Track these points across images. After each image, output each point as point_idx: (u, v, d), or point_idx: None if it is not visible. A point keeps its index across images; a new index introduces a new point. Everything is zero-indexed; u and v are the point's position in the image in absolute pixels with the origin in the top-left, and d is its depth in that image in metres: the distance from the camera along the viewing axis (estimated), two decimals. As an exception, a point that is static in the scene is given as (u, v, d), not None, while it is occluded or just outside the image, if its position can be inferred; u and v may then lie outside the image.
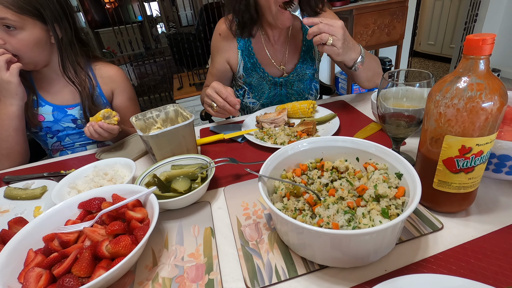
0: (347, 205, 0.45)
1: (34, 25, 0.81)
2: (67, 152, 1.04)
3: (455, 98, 0.40)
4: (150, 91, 3.31)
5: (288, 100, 1.11)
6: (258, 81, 1.07)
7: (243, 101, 1.13)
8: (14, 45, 0.81)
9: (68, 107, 0.98)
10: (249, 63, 1.05)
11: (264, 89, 1.09)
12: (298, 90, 1.10)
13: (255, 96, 1.10)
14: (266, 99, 1.11)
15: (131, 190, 0.56)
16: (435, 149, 0.45)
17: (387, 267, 0.42)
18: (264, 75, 1.06)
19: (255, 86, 1.09)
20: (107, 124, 0.80)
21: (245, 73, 1.06)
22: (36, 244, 0.48)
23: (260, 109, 1.10)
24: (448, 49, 3.87)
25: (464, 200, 0.47)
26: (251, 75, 1.06)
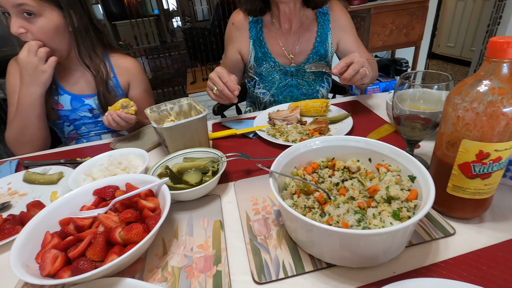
0: (357, 205, 0.45)
1: (51, 10, 0.82)
2: (82, 140, 1.07)
3: (475, 101, 0.39)
4: (163, 84, 3.35)
5: (298, 91, 1.10)
6: (269, 71, 1.07)
7: (254, 92, 1.13)
8: (35, 33, 0.82)
9: (85, 97, 1.00)
10: (260, 53, 1.05)
11: (275, 79, 1.08)
12: (308, 81, 1.09)
13: (265, 86, 1.10)
14: (277, 89, 1.10)
15: (144, 180, 0.57)
16: (451, 153, 0.44)
17: (396, 269, 0.41)
18: (275, 64, 1.06)
19: (266, 76, 1.09)
20: (124, 113, 0.82)
21: (255, 62, 1.07)
22: (53, 227, 0.50)
23: (270, 99, 1.12)
24: (468, 52, 3.75)
25: (479, 207, 0.46)
26: (262, 65, 1.07)
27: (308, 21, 1.05)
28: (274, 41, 1.05)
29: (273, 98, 1.12)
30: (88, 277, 0.39)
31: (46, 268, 0.41)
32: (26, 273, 0.40)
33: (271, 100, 1.13)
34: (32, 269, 0.42)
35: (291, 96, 1.11)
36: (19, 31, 0.80)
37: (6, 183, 0.73)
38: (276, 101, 1.13)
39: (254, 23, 1.04)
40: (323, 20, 1.04)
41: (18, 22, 0.79)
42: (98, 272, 0.39)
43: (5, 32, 3.37)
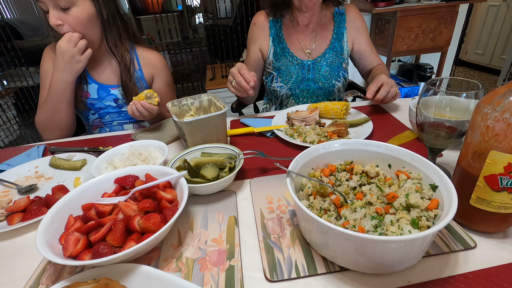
0: (375, 211, 0.44)
1: (84, 1, 0.87)
2: (105, 129, 1.11)
3: (507, 112, 0.38)
4: (183, 79, 3.40)
5: (315, 84, 1.12)
6: (286, 65, 1.12)
7: (271, 86, 1.17)
8: (70, 23, 0.86)
9: (111, 87, 1.04)
10: (278, 48, 1.11)
11: (292, 72, 1.12)
12: (325, 75, 1.11)
13: (283, 80, 1.13)
14: (294, 83, 1.13)
15: (163, 171, 0.59)
16: (477, 164, 0.42)
17: (411, 279, 0.40)
18: (293, 58, 1.11)
19: (283, 71, 1.13)
20: (148, 103, 0.85)
21: (274, 58, 1.12)
22: (76, 211, 0.52)
23: (287, 93, 1.15)
24: (498, 60, 3.58)
25: (504, 221, 0.44)
26: (280, 60, 1.12)
27: (325, 20, 1.11)
28: (292, 37, 1.11)
29: (290, 92, 1.15)
30: (107, 261, 0.40)
31: (68, 249, 0.43)
32: (50, 253, 0.42)
33: (288, 93, 1.15)
34: (55, 249, 0.44)
35: (307, 89, 1.13)
36: (57, 23, 0.84)
37: (33, 166, 0.77)
38: (293, 95, 1.16)
39: (274, 22, 1.11)
40: (340, 19, 1.10)
41: (56, 15, 0.84)
42: (117, 257, 0.40)
43: (36, 23, 3.53)
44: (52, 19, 0.83)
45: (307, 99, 1.16)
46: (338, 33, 1.10)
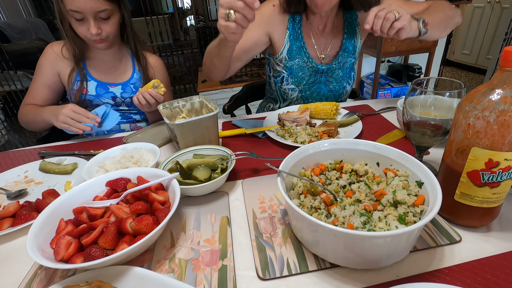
0: (363, 208, 0.45)
1: (117, 9, 0.95)
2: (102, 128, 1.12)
3: (486, 110, 0.39)
4: (175, 81, 3.39)
5: (326, 87, 1.10)
6: (300, 66, 1.05)
7: (281, 88, 1.11)
8: (107, 29, 0.94)
9: (110, 85, 1.06)
10: (295, 46, 1.03)
11: (305, 74, 1.06)
12: (337, 78, 1.09)
13: (294, 81, 1.08)
14: (305, 85, 1.08)
15: (155, 174, 0.59)
16: (460, 161, 0.44)
17: (399, 273, 0.42)
18: (308, 60, 1.04)
19: (296, 71, 1.06)
20: (155, 92, 0.90)
21: (288, 56, 1.04)
22: (67, 215, 0.52)
23: (298, 95, 1.11)
24: (484, 60, 3.68)
25: (486, 215, 0.46)
26: (294, 59, 1.04)
27: (339, 22, 1.05)
28: (308, 39, 1.05)
29: (301, 94, 1.11)
30: (100, 264, 0.40)
31: (60, 253, 0.43)
32: (41, 257, 0.41)
33: (298, 96, 1.11)
34: (47, 253, 0.44)
35: (318, 92, 1.11)
36: (98, 32, 0.91)
37: (23, 171, 0.76)
38: (303, 97, 1.12)
39: (293, 18, 1.02)
40: (350, 15, 1.04)
41: (96, 24, 0.91)
42: (109, 260, 0.40)
43: (24, 26, 3.48)
44: (93, 28, 0.90)
45: (316, 101, 1.11)
46: (349, 32, 1.04)
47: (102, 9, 0.89)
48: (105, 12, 0.90)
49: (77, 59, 1.01)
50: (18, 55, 2.50)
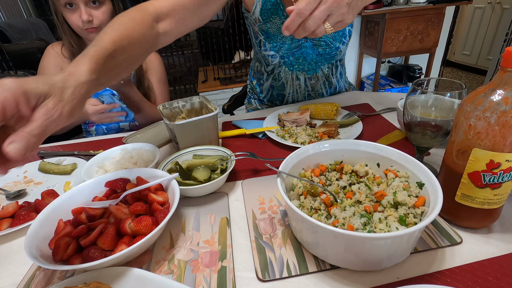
0: (364, 209, 0.45)
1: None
2: (101, 126, 1.11)
3: (488, 111, 0.39)
4: (175, 82, 3.39)
5: (314, 51, 0.94)
6: (278, 28, 0.86)
7: (260, 52, 0.98)
8: (99, 17, 0.95)
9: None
10: (269, 3, 0.83)
11: (285, 38, 0.89)
12: (327, 40, 0.90)
13: (273, 47, 0.92)
14: (287, 50, 0.93)
15: (154, 174, 0.59)
16: (461, 162, 0.44)
17: (400, 275, 0.41)
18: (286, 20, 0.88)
19: (274, 35, 0.88)
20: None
21: (262, 17, 0.85)
22: (66, 215, 0.52)
23: (279, 62, 0.98)
24: (485, 60, 3.67)
25: (487, 217, 0.45)
26: (270, 20, 0.85)
27: None
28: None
29: (283, 60, 0.97)
30: (98, 265, 0.40)
31: (58, 254, 0.43)
32: (39, 258, 0.41)
33: (280, 62, 0.98)
34: (45, 254, 0.44)
35: (304, 57, 0.96)
36: (89, 18, 0.93)
37: (22, 171, 0.76)
38: (286, 63, 0.98)
39: None
40: None
41: (87, 11, 0.93)
42: (108, 261, 0.40)
43: (24, 26, 3.48)
44: (84, 15, 0.91)
45: (303, 66, 0.97)
46: None
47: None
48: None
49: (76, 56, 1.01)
50: (19, 55, 2.50)
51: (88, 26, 0.94)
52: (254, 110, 1.19)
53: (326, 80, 1.05)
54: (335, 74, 1.05)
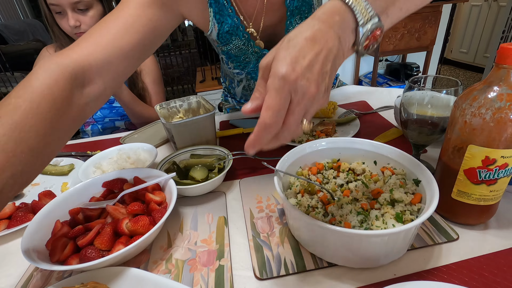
0: (360, 207, 0.45)
1: (97, 3, 0.97)
2: (97, 125, 1.12)
3: (483, 107, 0.39)
4: (173, 82, 3.38)
5: None
6: (240, 49, 0.74)
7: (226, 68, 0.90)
8: (87, 22, 0.94)
9: None
10: (226, 26, 0.69)
11: (249, 58, 0.78)
12: None
13: (237, 66, 0.82)
14: (253, 68, 0.83)
15: (152, 174, 0.59)
16: (457, 159, 0.44)
17: (397, 272, 0.41)
18: (249, 44, 0.72)
19: (236, 56, 0.78)
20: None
21: (220, 40, 0.73)
22: (63, 216, 0.51)
23: (246, 77, 0.90)
24: (482, 58, 3.69)
25: (484, 213, 0.46)
26: (230, 42, 0.73)
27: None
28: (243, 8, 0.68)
29: (250, 75, 0.88)
30: (95, 265, 0.40)
31: (55, 254, 0.43)
32: (36, 259, 0.41)
33: (248, 77, 0.90)
34: (42, 255, 0.44)
35: None
36: (76, 24, 0.92)
37: (19, 172, 0.75)
38: (255, 78, 0.88)
39: None
40: None
41: (74, 16, 0.92)
42: (105, 261, 0.40)
43: (21, 27, 3.47)
44: (71, 20, 0.91)
45: None
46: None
47: (77, 0, 0.90)
48: (82, 3, 0.91)
49: None
50: (15, 57, 2.49)
51: (77, 31, 0.94)
52: (232, 110, 1.12)
53: None
54: None
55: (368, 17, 0.31)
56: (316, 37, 0.29)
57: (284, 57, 0.28)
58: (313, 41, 0.29)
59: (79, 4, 0.91)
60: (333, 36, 0.30)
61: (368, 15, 0.31)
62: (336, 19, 0.30)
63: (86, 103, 0.47)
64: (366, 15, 0.31)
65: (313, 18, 0.31)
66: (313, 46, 0.29)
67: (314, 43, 0.29)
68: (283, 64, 0.28)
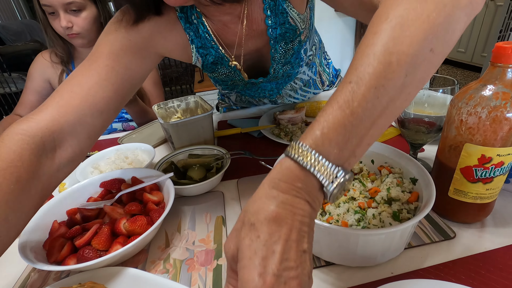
0: (358, 205, 0.45)
1: (91, 4, 0.96)
2: None
3: (478, 106, 0.40)
4: (171, 82, 3.37)
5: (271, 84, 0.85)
6: (227, 76, 0.72)
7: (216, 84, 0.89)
8: (79, 23, 0.94)
9: None
10: (210, 58, 0.66)
11: (237, 83, 0.77)
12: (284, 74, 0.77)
13: (225, 88, 0.85)
14: (241, 88, 0.85)
15: (149, 174, 0.59)
16: (454, 157, 0.44)
17: (394, 270, 0.42)
18: (235, 73, 0.71)
19: (223, 82, 0.77)
20: None
21: (205, 70, 0.72)
22: (61, 216, 0.51)
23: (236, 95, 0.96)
24: (480, 57, 3.70)
25: (480, 211, 0.46)
26: (216, 71, 0.71)
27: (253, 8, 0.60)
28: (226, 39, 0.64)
29: (240, 93, 0.93)
30: (93, 265, 0.40)
31: (53, 255, 0.43)
32: (34, 259, 0.41)
33: (239, 95, 0.95)
34: (39, 255, 0.44)
35: (263, 89, 0.86)
36: (68, 25, 0.92)
37: (16, 173, 0.75)
38: (245, 95, 0.93)
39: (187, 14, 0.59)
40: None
41: (67, 17, 0.92)
42: (103, 261, 0.40)
43: (19, 28, 3.46)
44: (63, 21, 0.91)
45: (264, 94, 0.89)
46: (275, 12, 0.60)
47: (70, 1, 0.89)
48: (74, 4, 0.90)
49: (64, 61, 1.02)
50: (13, 57, 2.49)
51: (69, 32, 0.93)
52: (228, 109, 1.11)
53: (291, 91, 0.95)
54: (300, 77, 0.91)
55: (333, 175, 0.27)
56: (280, 216, 0.25)
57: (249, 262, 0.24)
58: (278, 222, 0.25)
59: (71, 5, 0.91)
60: (301, 204, 0.26)
61: (332, 174, 0.27)
62: (299, 186, 0.26)
63: (57, 169, 0.44)
64: (330, 175, 0.27)
65: (271, 186, 0.27)
66: (280, 229, 0.25)
67: (280, 225, 0.25)
68: (251, 275, 0.24)
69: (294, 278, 0.24)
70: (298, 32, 0.66)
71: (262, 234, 0.25)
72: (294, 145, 0.27)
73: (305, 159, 0.26)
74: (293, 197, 0.26)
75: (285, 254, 0.24)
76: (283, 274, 0.24)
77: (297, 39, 0.67)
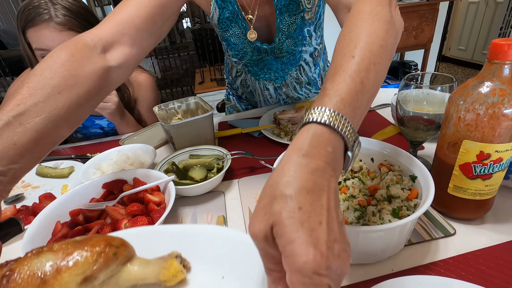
0: (357, 203, 0.46)
1: None
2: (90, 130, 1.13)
3: (476, 102, 0.40)
4: (172, 84, 3.39)
5: (277, 61, 0.88)
6: (238, 37, 0.79)
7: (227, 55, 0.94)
8: None
9: (96, 118, 1.06)
10: (227, 12, 0.74)
11: (246, 49, 0.82)
12: (289, 50, 0.83)
13: (235, 55, 0.87)
14: (249, 60, 0.88)
15: (151, 175, 0.59)
16: (452, 154, 0.44)
17: (394, 267, 0.42)
18: (246, 32, 0.76)
19: (234, 44, 0.82)
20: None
21: (220, 25, 0.77)
22: (63, 217, 0.52)
23: (243, 68, 0.94)
24: (480, 55, 3.69)
25: (480, 208, 0.46)
26: (230, 29, 0.77)
27: None
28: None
29: (247, 69, 0.93)
30: (96, 265, 0.40)
31: (56, 255, 0.43)
32: (37, 260, 0.42)
33: (244, 69, 0.94)
34: (43, 256, 0.44)
35: (268, 67, 0.90)
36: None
37: (19, 175, 0.76)
38: (251, 72, 0.94)
39: None
40: None
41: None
42: (105, 261, 0.41)
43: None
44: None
45: (269, 75, 0.92)
46: None
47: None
48: None
49: None
50: (15, 61, 2.51)
51: None
52: (233, 109, 1.14)
53: (296, 83, 0.97)
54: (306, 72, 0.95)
55: (353, 138, 0.28)
56: (317, 184, 0.24)
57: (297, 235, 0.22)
58: (316, 191, 0.24)
59: None
60: (331, 172, 0.26)
61: (353, 137, 0.28)
62: (329, 151, 0.26)
63: (107, 70, 0.50)
64: (352, 138, 0.28)
65: (300, 154, 0.26)
66: (320, 199, 0.24)
67: (319, 194, 0.24)
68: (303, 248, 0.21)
69: (343, 250, 0.23)
70: (302, 8, 0.73)
71: (303, 205, 0.23)
72: (316, 111, 0.28)
73: (335, 121, 0.27)
74: (324, 163, 0.25)
75: (330, 224, 0.23)
76: (334, 246, 0.23)
77: (300, 14, 0.74)
